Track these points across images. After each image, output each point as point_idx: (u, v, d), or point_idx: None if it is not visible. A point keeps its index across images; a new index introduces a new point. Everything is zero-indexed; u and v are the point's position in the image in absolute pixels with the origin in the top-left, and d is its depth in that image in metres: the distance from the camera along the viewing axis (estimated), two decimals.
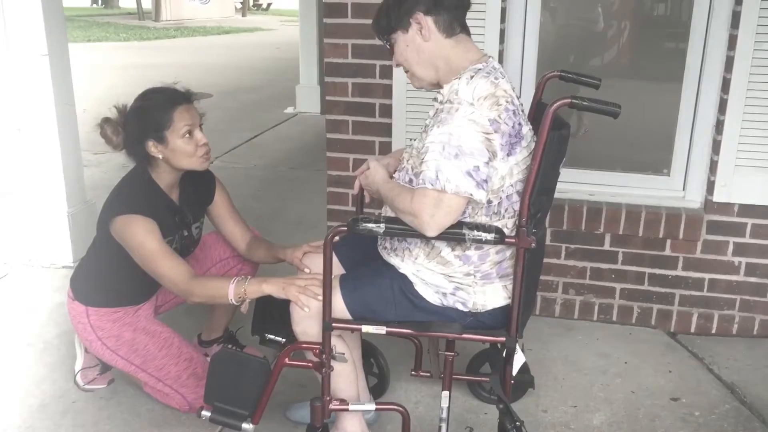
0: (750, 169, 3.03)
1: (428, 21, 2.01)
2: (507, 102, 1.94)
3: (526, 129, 2.01)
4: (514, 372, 2.20)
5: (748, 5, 2.86)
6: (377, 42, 3.16)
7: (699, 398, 2.77)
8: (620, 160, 3.39)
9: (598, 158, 3.36)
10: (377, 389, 2.66)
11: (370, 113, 3.32)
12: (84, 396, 2.69)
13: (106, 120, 2.40)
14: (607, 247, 3.25)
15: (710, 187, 3.13)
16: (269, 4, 31.61)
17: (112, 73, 11.38)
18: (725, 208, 3.11)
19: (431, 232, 1.88)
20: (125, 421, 2.55)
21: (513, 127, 1.94)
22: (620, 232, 3.19)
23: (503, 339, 2.08)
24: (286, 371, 2.26)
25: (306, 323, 2.15)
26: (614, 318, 3.34)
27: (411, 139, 2.23)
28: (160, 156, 2.35)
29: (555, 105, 1.85)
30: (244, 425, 2.21)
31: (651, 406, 2.71)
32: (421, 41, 2.03)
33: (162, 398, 2.57)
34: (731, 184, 3.07)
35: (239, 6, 29.35)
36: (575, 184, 3.26)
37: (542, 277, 3.11)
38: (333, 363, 2.14)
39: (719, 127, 3.05)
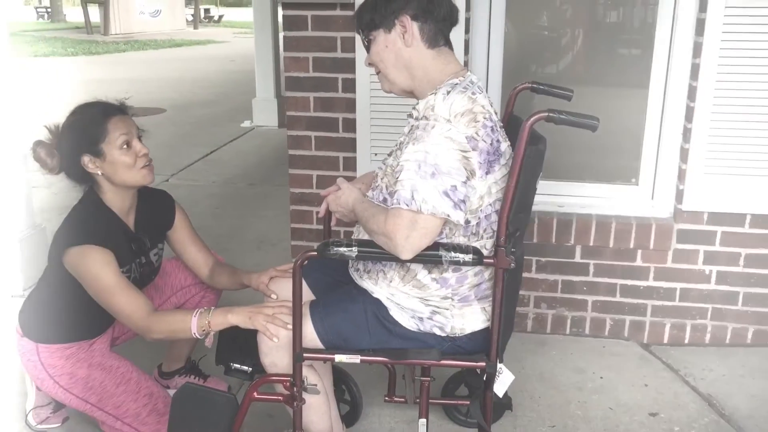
0: (718, 177, 3.00)
1: (414, 26, 1.92)
2: (485, 118, 1.85)
3: (505, 146, 1.93)
4: (501, 393, 2.13)
5: (713, 13, 2.83)
6: (339, 55, 3.14)
7: (677, 412, 2.72)
8: (589, 170, 3.36)
9: (566, 169, 3.31)
10: (350, 417, 2.56)
11: (333, 128, 3.24)
12: None
13: (39, 143, 2.27)
14: (578, 259, 3.20)
15: (679, 195, 3.10)
16: (221, 16, 31.37)
17: (60, 88, 11.08)
18: (694, 216, 3.09)
19: (406, 255, 1.79)
20: None
21: (491, 144, 1.85)
22: (591, 244, 3.14)
23: (483, 364, 1.99)
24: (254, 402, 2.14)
25: (275, 354, 2.04)
26: (587, 331, 3.29)
27: (386, 155, 2.13)
28: (99, 172, 2.23)
29: (532, 119, 1.77)
30: None
31: (630, 423, 2.66)
32: (401, 45, 1.94)
33: None
34: (700, 193, 3.04)
35: (190, 18, 29.06)
36: (545, 195, 3.19)
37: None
38: (305, 395, 2.03)
39: (686, 135, 3.02)
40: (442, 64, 1.96)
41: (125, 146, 2.21)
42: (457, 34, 2.97)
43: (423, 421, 2.19)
